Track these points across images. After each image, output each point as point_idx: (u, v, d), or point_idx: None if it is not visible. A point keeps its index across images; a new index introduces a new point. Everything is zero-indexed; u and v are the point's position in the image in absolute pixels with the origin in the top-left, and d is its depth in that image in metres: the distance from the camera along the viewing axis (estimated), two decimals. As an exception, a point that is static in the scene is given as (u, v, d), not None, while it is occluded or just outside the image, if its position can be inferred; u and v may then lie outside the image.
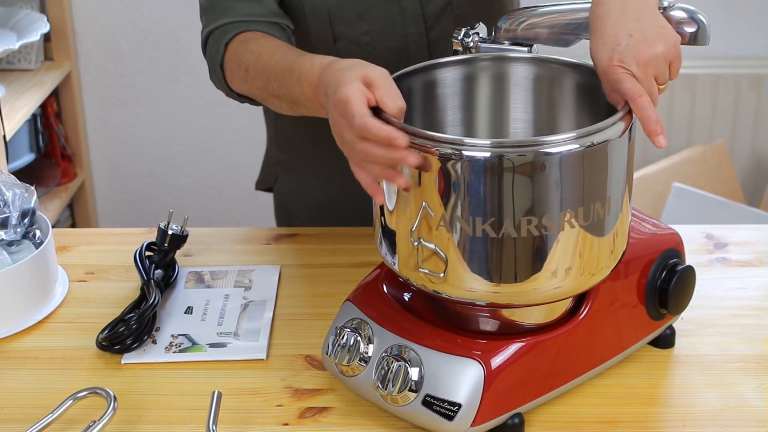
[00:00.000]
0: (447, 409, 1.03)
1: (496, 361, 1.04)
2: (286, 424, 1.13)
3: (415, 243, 1.04)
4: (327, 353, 1.13)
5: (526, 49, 1.19)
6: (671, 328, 1.21)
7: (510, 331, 1.09)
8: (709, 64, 2.75)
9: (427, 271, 1.04)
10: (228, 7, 1.35)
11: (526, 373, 1.07)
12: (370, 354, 1.09)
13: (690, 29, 1.09)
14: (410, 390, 1.05)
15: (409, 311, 1.12)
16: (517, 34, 1.20)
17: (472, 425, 1.03)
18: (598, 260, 1.05)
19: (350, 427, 1.12)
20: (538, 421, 1.11)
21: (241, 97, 1.37)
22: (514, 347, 1.05)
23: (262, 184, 1.68)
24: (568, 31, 1.17)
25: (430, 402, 1.04)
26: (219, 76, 1.35)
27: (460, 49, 1.22)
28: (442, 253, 1.02)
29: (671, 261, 1.17)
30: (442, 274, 1.03)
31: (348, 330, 1.11)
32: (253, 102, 1.36)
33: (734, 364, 1.20)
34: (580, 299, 1.11)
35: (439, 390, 1.04)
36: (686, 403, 1.14)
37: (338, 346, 1.11)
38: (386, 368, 1.06)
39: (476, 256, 1.01)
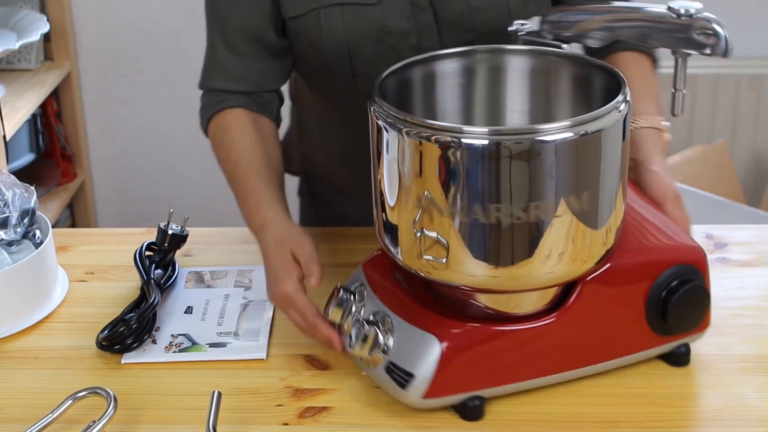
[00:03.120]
0: (402, 378, 1.09)
1: (455, 341, 1.08)
2: (286, 424, 1.13)
3: (418, 234, 1.06)
4: (327, 312, 1.17)
5: (565, 46, 1.22)
6: (687, 346, 1.19)
7: (485, 317, 1.11)
8: (709, 64, 2.75)
9: (430, 257, 1.06)
10: (220, 67, 1.40)
11: (486, 358, 1.09)
12: (359, 316, 1.15)
13: (711, 41, 1.10)
14: (380, 352, 1.11)
15: (405, 286, 1.17)
16: (562, 30, 1.21)
17: (424, 397, 1.08)
18: (590, 248, 1.07)
19: (350, 427, 1.12)
20: (539, 421, 1.11)
21: None
22: (476, 331, 1.09)
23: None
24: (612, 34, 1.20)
25: (391, 369, 1.10)
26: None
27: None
28: (444, 240, 1.05)
29: (682, 276, 1.14)
30: (444, 260, 1.05)
31: (346, 291, 1.16)
32: None
33: (734, 364, 1.20)
34: (563, 298, 1.12)
35: (400, 359, 1.09)
36: (686, 403, 1.14)
37: (335, 304, 1.16)
38: (365, 330, 1.11)
39: (476, 240, 1.04)
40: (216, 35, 1.40)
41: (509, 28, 1.25)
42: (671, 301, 1.13)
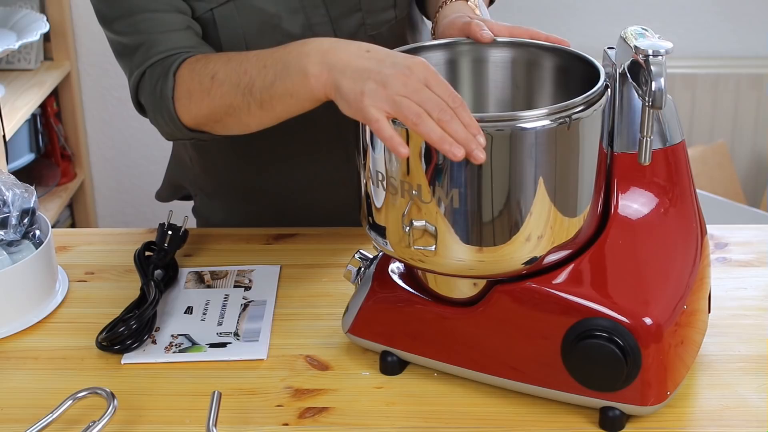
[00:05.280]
0: (346, 309, 1.23)
1: (379, 292, 1.20)
2: (286, 424, 1.13)
3: (407, 228, 1.09)
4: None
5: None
6: (621, 411, 1.09)
7: (422, 291, 1.18)
8: (709, 64, 2.75)
9: (421, 248, 1.09)
10: (158, 41, 1.29)
11: (399, 319, 1.18)
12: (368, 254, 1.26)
13: (644, 89, 1.07)
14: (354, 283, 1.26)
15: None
16: None
17: (348, 331, 1.22)
18: (567, 231, 1.09)
19: (350, 427, 1.12)
20: (538, 421, 1.11)
21: (191, 131, 1.30)
22: (397, 289, 1.19)
23: (165, 198, 1.67)
24: None
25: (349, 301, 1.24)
26: (169, 108, 1.27)
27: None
28: (431, 227, 1.08)
29: (600, 332, 1.07)
30: (433, 248, 1.08)
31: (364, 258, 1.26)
32: (202, 135, 1.30)
33: (734, 364, 1.20)
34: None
35: (353, 295, 1.24)
36: (686, 403, 1.14)
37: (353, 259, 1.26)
38: (353, 261, 1.25)
39: (461, 224, 1.07)
40: (141, 34, 1.32)
41: None
42: (574, 350, 1.08)
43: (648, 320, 1.07)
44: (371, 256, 1.24)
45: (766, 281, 1.35)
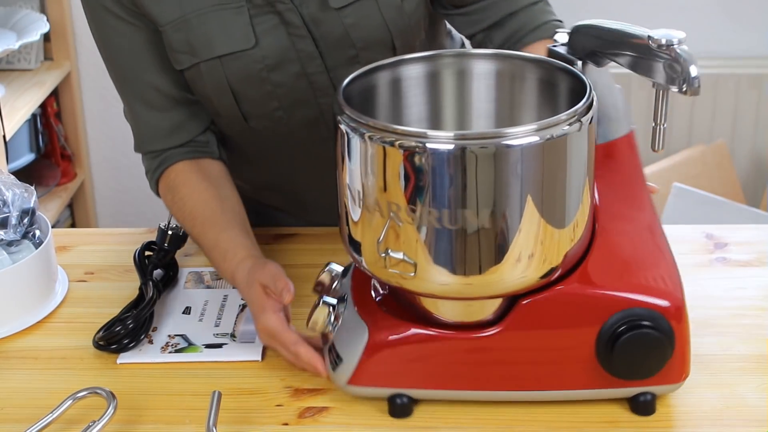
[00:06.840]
0: (335, 359, 1.13)
1: (383, 336, 1.10)
2: (286, 424, 1.13)
3: (383, 254, 1.05)
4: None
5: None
6: (652, 394, 1.11)
7: (427, 320, 1.11)
8: (709, 64, 2.75)
9: (397, 272, 1.06)
10: (147, 127, 1.40)
11: (412, 358, 1.10)
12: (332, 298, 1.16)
13: (678, 77, 1.03)
14: (327, 332, 1.14)
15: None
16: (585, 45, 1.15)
17: (348, 382, 1.11)
18: (558, 249, 1.06)
19: (350, 427, 1.12)
20: (540, 421, 1.11)
21: None
22: (406, 331, 1.10)
23: None
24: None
25: (330, 349, 1.14)
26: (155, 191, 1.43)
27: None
28: (410, 260, 1.04)
29: (636, 321, 1.07)
30: (412, 274, 1.05)
31: (330, 273, 1.20)
32: None
33: (734, 364, 1.20)
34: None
35: (338, 342, 1.13)
36: (686, 403, 1.14)
37: (316, 281, 1.20)
38: (320, 305, 1.14)
39: (443, 249, 1.03)
40: (129, 97, 1.40)
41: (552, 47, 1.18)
42: (617, 344, 1.07)
43: (673, 302, 1.08)
44: (335, 302, 1.16)
45: (766, 281, 1.35)
